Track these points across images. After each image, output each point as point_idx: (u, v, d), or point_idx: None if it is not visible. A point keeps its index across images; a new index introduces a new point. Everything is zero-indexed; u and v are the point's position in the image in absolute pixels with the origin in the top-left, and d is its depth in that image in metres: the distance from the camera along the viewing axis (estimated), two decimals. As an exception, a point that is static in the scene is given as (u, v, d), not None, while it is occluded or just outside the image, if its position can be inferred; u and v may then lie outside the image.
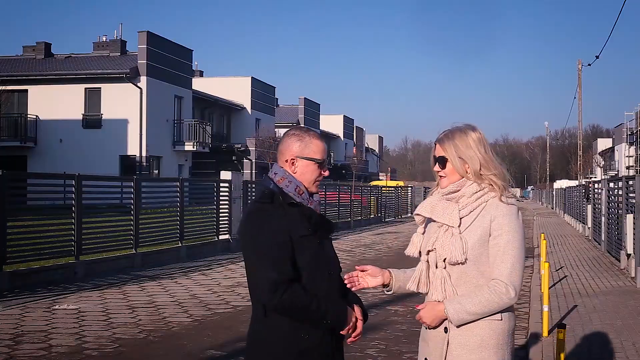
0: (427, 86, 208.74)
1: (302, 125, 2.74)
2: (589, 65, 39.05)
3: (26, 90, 35.80)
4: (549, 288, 8.41)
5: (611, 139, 78.80)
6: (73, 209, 12.57)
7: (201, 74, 53.27)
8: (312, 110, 61.71)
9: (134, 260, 14.01)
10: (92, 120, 35.11)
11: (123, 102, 34.28)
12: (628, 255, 12.61)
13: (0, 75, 34.33)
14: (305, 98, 59.94)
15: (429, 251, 2.87)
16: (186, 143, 37.78)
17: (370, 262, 15.58)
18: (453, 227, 2.80)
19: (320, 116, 64.44)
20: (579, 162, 45.83)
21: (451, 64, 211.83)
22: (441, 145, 2.89)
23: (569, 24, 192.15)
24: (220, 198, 18.03)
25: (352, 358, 6.67)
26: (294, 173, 2.86)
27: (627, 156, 64.33)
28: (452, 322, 2.76)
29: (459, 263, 2.77)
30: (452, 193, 2.86)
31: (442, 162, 2.88)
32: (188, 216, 16.73)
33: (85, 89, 35.25)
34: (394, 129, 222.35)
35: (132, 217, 14.35)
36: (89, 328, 8.01)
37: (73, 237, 12.41)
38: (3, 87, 32.27)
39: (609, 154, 77.12)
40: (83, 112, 35.17)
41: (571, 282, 11.80)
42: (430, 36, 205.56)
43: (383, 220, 35.06)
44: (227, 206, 18.18)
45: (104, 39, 39.30)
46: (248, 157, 42.85)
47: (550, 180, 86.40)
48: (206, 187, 20.13)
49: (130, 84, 34.11)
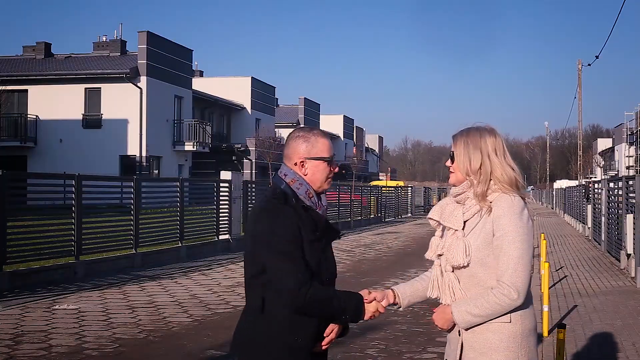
0: (427, 86, 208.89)
1: (303, 125, 2.70)
2: (589, 65, 39.09)
3: (26, 90, 35.79)
4: (549, 288, 8.41)
5: (611, 139, 78.83)
6: (73, 209, 12.57)
7: (201, 74, 53.26)
8: (312, 110, 61.71)
9: (134, 260, 14.01)
10: (92, 120, 35.11)
11: (123, 102, 34.28)
12: (628, 255, 12.61)
13: (0, 75, 34.34)
14: (305, 98, 59.95)
15: (439, 255, 2.88)
16: (186, 143, 37.78)
17: (370, 262, 15.59)
18: (457, 230, 2.80)
19: (320, 116, 64.42)
20: (579, 162, 45.83)
21: (451, 63, 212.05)
22: (454, 141, 2.90)
23: (569, 24, 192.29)
24: (220, 198, 18.03)
25: (352, 358, 6.68)
26: (305, 175, 2.84)
27: (627, 156, 64.35)
28: (458, 324, 2.76)
29: (462, 267, 2.77)
30: (459, 195, 2.86)
31: (452, 158, 2.90)
32: (188, 216, 16.73)
33: (85, 89, 35.26)
34: (394, 129, 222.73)
35: (132, 217, 14.35)
36: (89, 328, 8.01)
37: (73, 237, 12.41)
38: (3, 87, 32.25)
39: (609, 154, 77.13)
40: (83, 112, 35.17)
41: (571, 282, 11.80)
42: (430, 36, 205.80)
43: (383, 220, 35.07)
44: (227, 206, 18.18)
45: (104, 39, 39.30)
46: (248, 157, 42.86)
47: (550, 180, 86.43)
48: (206, 187, 20.13)
49: (130, 84, 34.11)
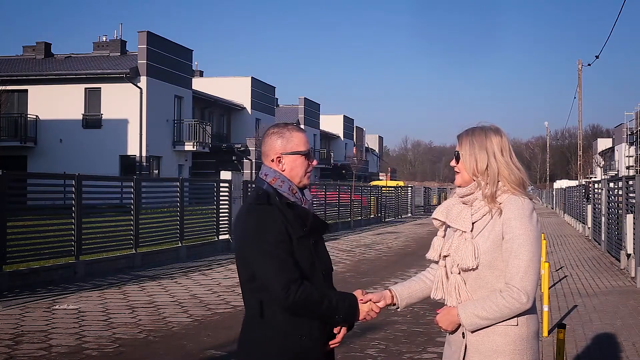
0: (427, 86, 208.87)
1: (279, 122, 2.69)
2: (589, 65, 39.15)
3: (26, 90, 35.80)
4: (549, 288, 8.41)
5: (611, 139, 78.81)
6: (73, 209, 12.57)
7: (201, 74, 53.28)
8: (312, 110, 61.73)
9: (134, 260, 14.01)
10: (92, 120, 35.11)
11: (123, 102, 34.29)
12: (628, 255, 12.62)
13: (0, 75, 34.35)
14: (305, 98, 59.95)
15: (445, 256, 2.85)
16: (186, 143, 37.78)
17: (370, 262, 15.59)
18: (466, 232, 2.77)
19: (320, 116, 64.45)
20: (579, 162, 45.83)
21: (451, 63, 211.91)
22: (459, 141, 2.87)
23: (569, 24, 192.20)
24: (220, 198, 18.03)
25: (352, 358, 6.68)
26: (283, 171, 2.82)
27: (627, 156, 64.34)
28: (465, 326, 2.73)
29: (471, 269, 2.74)
30: (466, 195, 2.83)
31: (458, 158, 2.86)
32: (188, 216, 16.72)
33: (85, 89, 35.26)
34: (394, 129, 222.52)
35: (132, 217, 14.35)
36: (89, 328, 8.01)
37: (73, 237, 12.41)
38: (3, 87, 32.27)
39: (609, 154, 77.13)
40: (83, 112, 35.17)
41: (571, 282, 11.80)
42: (431, 36, 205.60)
43: (383, 220, 35.06)
44: (227, 206, 18.18)
45: (104, 39, 39.29)
46: (248, 157, 42.86)
47: (550, 180, 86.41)
48: (206, 187, 20.12)
49: (130, 84, 34.11)
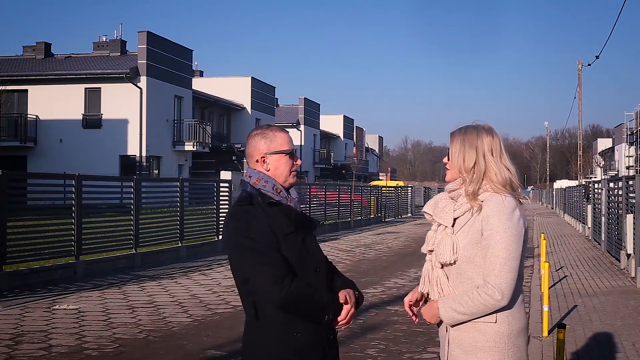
0: (427, 86, 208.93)
1: (264, 124, 2.73)
2: (589, 65, 39.03)
3: (26, 90, 35.78)
4: (549, 288, 8.41)
5: (611, 139, 78.83)
6: (73, 209, 12.57)
7: (201, 74, 53.26)
8: (312, 110, 61.70)
9: (134, 260, 14.01)
10: (92, 120, 35.10)
11: (123, 102, 34.27)
12: (628, 255, 12.62)
13: (0, 75, 34.34)
14: (305, 98, 59.93)
15: (430, 250, 2.89)
16: (186, 143, 37.77)
17: (370, 262, 15.59)
18: (447, 227, 2.81)
19: (320, 116, 64.43)
20: (579, 162, 45.81)
21: (451, 63, 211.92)
22: (451, 138, 2.91)
23: (569, 24, 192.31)
24: (220, 198, 18.03)
25: (352, 358, 6.68)
26: (268, 171, 2.86)
27: (627, 156, 64.35)
28: (444, 320, 2.78)
29: (449, 264, 2.77)
30: (453, 191, 2.87)
31: (449, 155, 2.90)
32: (188, 216, 16.72)
33: (85, 89, 35.25)
34: (394, 129, 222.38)
35: (132, 217, 14.35)
36: (89, 328, 8.01)
37: (73, 237, 12.41)
38: (3, 87, 32.27)
39: (609, 154, 77.13)
40: (83, 112, 35.16)
41: (571, 282, 11.80)
42: (431, 36, 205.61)
43: (383, 220, 35.05)
44: (227, 206, 18.16)
45: (104, 39, 39.28)
46: (248, 157, 42.80)
47: (550, 180, 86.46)
48: (206, 187, 20.13)
49: (130, 84, 34.10)
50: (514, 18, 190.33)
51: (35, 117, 35.23)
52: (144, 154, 34.32)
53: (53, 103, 35.05)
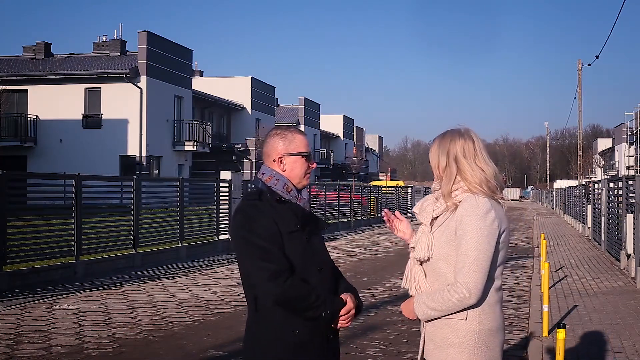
0: (427, 86, 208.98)
1: (281, 124, 2.81)
2: (589, 65, 39.10)
3: (26, 90, 35.80)
4: (549, 288, 8.41)
5: (611, 139, 78.83)
6: (73, 209, 12.57)
7: (201, 74, 53.29)
8: (312, 110, 61.73)
9: (134, 260, 14.01)
10: (92, 120, 35.11)
11: (123, 102, 34.29)
12: (628, 255, 12.62)
13: (0, 75, 34.35)
14: (305, 98, 59.95)
15: (412, 248, 3.00)
16: (186, 143, 37.78)
17: (370, 262, 15.59)
18: (425, 225, 2.91)
19: (320, 116, 64.46)
20: (579, 162, 45.81)
21: (451, 63, 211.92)
22: (432, 143, 3.02)
23: (569, 24, 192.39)
24: (220, 198, 18.03)
25: (352, 358, 6.68)
26: (284, 171, 2.91)
27: (627, 156, 64.35)
28: (418, 315, 2.86)
29: (424, 260, 2.87)
30: (437, 191, 2.98)
31: (429, 159, 3.04)
32: (188, 216, 16.72)
33: (85, 89, 35.26)
34: (394, 129, 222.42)
35: (132, 217, 14.35)
36: (89, 328, 8.01)
37: (73, 237, 12.41)
38: (3, 87, 32.26)
39: (609, 154, 77.13)
40: (83, 112, 35.18)
41: (571, 282, 11.80)
42: (431, 36, 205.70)
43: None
44: (227, 206, 18.17)
45: (104, 39, 39.30)
46: (248, 157, 42.86)
47: (550, 180, 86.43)
48: (206, 187, 20.13)
49: (130, 84, 34.11)
50: (514, 18, 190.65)
51: (35, 117, 35.24)
52: (144, 154, 34.34)
53: (53, 103, 35.06)
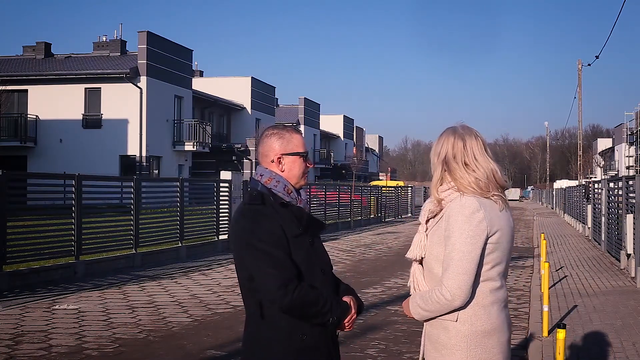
0: (427, 86, 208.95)
1: (276, 124, 2.71)
2: (589, 65, 39.09)
3: (26, 90, 35.79)
4: (549, 288, 8.42)
5: (611, 139, 78.85)
6: (73, 209, 12.57)
7: (201, 74, 53.27)
8: (312, 110, 61.71)
9: (134, 260, 14.01)
10: (92, 120, 35.10)
11: (123, 102, 34.28)
12: (628, 255, 12.61)
13: (0, 75, 34.34)
14: (305, 98, 59.94)
15: None
16: (186, 143, 37.77)
17: (370, 262, 15.59)
18: (422, 225, 2.92)
19: (320, 116, 64.44)
20: (579, 162, 45.80)
21: (451, 63, 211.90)
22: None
23: (569, 24, 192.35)
24: (220, 198, 18.03)
25: (352, 358, 6.68)
26: (282, 171, 2.86)
27: (627, 156, 64.36)
28: (412, 315, 2.87)
29: (416, 260, 2.89)
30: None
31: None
32: (188, 216, 16.72)
33: (85, 89, 35.25)
34: (394, 129, 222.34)
35: (132, 217, 14.35)
36: (89, 328, 8.01)
37: (73, 237, 12.41)
38: (3, 87, 32.26)
39: (609, 154, 77.14)
40: (83, 112, 35.16)
41: (571, 282, 11.80)
42: (431, 36, 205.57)
43: (383, 220, 35.05)
44: (227, 206, 18.18)
45: (104, 39, 39.28)
46: (248, 157, 42.84)
47: (550, 180, 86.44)
48: (206, 187, 20.13)
49: (130, 84, 34.10)
50: (514, 18, 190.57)
51: (35, 117, 35.23)
52: (144, 154, 34.33)
53: (53, 103, 35.05)
